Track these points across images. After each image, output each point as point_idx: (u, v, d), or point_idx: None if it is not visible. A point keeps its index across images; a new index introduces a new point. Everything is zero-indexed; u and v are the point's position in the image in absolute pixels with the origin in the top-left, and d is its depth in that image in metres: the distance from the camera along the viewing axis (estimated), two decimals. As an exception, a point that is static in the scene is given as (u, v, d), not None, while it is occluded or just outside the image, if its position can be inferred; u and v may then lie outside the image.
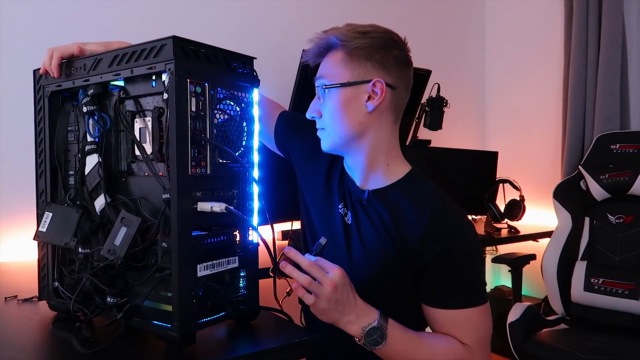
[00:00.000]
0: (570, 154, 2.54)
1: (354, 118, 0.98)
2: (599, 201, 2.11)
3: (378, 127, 1.00)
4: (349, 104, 0.97)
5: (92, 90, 0.93)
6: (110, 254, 0.87)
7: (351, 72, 0.97)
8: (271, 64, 2.20)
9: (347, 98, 0.97)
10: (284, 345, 0.88)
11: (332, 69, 0.99)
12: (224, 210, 0.85)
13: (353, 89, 0.97)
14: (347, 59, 0.97)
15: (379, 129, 1.00)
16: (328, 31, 1.00)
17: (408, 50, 1.03)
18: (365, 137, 1.00)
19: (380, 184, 1.03)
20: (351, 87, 0.96)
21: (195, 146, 0.84)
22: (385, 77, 0.97)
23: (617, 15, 2.38)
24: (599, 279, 1.98)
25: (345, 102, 0.97)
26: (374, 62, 0.96)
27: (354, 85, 0.96)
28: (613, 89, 2.38)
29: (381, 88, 0.96)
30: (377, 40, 0.97)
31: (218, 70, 0.89)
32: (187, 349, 0.84)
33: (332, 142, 1.02)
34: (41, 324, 1.00)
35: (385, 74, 0.97)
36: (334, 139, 1.01)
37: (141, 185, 0.91)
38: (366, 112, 0.97)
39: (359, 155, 1.03)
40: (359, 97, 0.97)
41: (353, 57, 0.96)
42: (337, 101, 0.98)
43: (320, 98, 1.01)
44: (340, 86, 0.97)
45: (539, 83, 2.89)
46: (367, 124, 0.98)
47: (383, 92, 0.96)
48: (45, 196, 1.03)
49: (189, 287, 0.83)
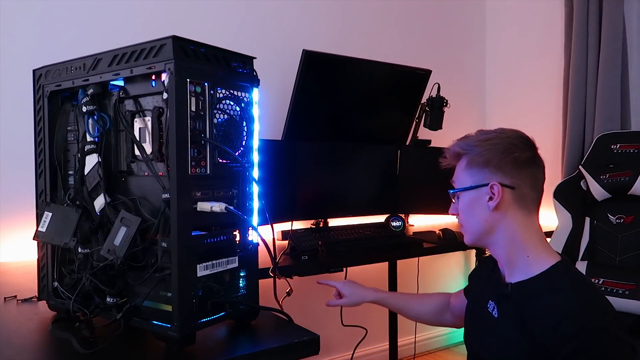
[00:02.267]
0: (570, 154, 2.53)
1: (480, 217, 1.08)
2: (599, 201, 2.11)
3: (507, 223, 1.07)
4: (474, 205, 1.09)
5: (91, 90, 0.93)
6: (110, 254, 0.87)
7: (472, 178, 1.09)
8: (271, 64, 2.20)
9: (471, 200, 1.09)
10: (283, 345, 0.88)
11: (459, 175, 1.12)
12: (224, 210, 0.85)
13: (474, 192, 1.08)
14: (469, 166, 1.10)
15: (508, 224, 1.07)
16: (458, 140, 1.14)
17: (534, 149, 1.11)
18: (497, 232, 1.09)
19: (523, 277, 1.06)
20: (472, 190, 1.09)
21: (195, 146, 0.84)
22: (502, 179, 1.06)
23: (618, 15, 2.38)
24: (600, 279, 1.98)
25: (470, 203, 1.10)
26: (491, 167, 1.06)
27: (474, 189, 1.08)
28: (613, 89, 2.38)
29: (498, 190, 1.05)
30: (496, 146, 1.08)
31: (218, 70, 0.89)
32: (187, 349, 0.84)
33: (469, 238, 1.13)
34: (41, 324, 1.00)
35: (502, 176, 1.06)
36: (470, 235, 1.13)
37: (141, 185, 0.91)
38: (489, 211, 1.07)
39: (496, 248, 1.11)
40: (481, 199, 1.08)
41: (473, 165, 1.09)
42: (464, 203, 1.11)
43: (454, 198, 1.15)
44: (463, 190, 1.10)
45: (539, 83, 2.89)
46: (493, 221, 1.08)
47: (500, 193, 1.05)
48: (45, 196, 1.03)
49: (188, 287, 0.83)
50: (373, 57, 2.33)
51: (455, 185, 1.13)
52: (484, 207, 1.07)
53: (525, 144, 1.09)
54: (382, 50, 2.64)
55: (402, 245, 2.16)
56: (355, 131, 2.43)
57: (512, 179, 1.06)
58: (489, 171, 1.07)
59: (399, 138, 2.58)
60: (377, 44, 2.69)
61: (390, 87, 2.44)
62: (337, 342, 2.38)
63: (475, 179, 1.08)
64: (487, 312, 1.12)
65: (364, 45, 2.60)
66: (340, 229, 2.23)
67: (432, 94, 2.48)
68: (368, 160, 2.36)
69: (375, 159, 2.41)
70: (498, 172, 1.06)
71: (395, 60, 2.42)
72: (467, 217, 1.11)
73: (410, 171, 2.43)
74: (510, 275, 1.09)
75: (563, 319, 0.94)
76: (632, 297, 1.90)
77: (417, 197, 2.45)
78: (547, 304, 0.99)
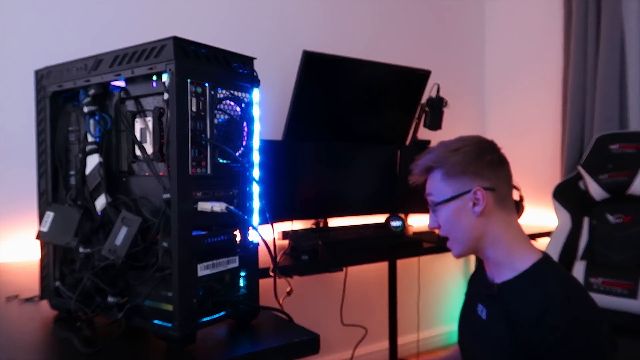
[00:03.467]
0: (569, 154, 2.54)
1: (466, 225, 1.08)
2: (598, 201, 2.12)
3: (492, 226, 1.08)
4: (459, 214, 1.08)
5: (93, 91, 0.94)
6: (111, 254, 0.87)
7: (452, 187, 1.09)
8: (271, 65, 2.20)
9: (455, 210, 1.09)
10: (284, 345, 0.89)
11: (435, 187, 1.11)
12: (224, 210, 0.85)
13: (458, 201, 1.08)
14: (446, 176, 1.09)
15: (493, 227, 1.08)
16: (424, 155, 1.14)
17: (499, 149, 1.12)
18: (483, 237, 1.09)
19: (509, 275, 1.08)
20: (455, 200, 1.08)
21: (196, 146, 0.84)
22: (482, 183, 1.07)
23: (616, 16, 2.38)
24: (598, 278, 1.99)
25: (455, 213, 1.09)
26: (470, 174, 1.07)
27: (457, 198, 1.07)
28: (612, 90, 2.38)
29: (482, 194, 1.06)
30: (468, 153, 1.08)
31: (218, 71, 0.89)
32: (188, 348, 0.84)
33: (458, 249, 1.13)
34: (42, 323, 1.00)
35: (482, 180, 1.07)
36: (459, 245, 1.12)
37: (142, 185, 0.91)
38: (475, 217, 1.07)
39: (485, 252, 1.11)
40: (465, 206, 1.07)
41: (450, 175, 1.09)
42: (448, 214, 1.09)
43: (434, 212, 1.13)
44: (447, 201, 1.09)
45: (539, 83, 2.89)
46: (479, 226, 1.08)
47: (484, 197, 1.06)
48: (47, 196, 1.03)
49: (189, 286, 0.84)
50: (373, 57, 2.34)
51: (433, 199, 1.13)
52: (468, 214, 1.07)
53: (492, 146, 1.12)
54: (382, 50, 2.65)
55: (402, 245, 2.16)
56: (355, 131, 2.43)
57: (491, 181, 1.08)
58: (468, 178, 1.07)
59: (399, 138, 2.59)
60: (377, 44, 2.69)
61: (390, 87, 2.44)
62: (337, 341, 2.39)
63: (456, 188, 1.08)
64: (476, 315, 1.14)
65: (364, 45, 2.60)
66: (340, 229, 2.24)
67: (431, 94, 2.49)
68: (368, 160, 2.37)
69: (375, 159, 2.41)
70: (477, 178, 1.07)
71: (395, 61, 2.42)
72: (452, 227, 1.11)
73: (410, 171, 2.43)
74: (497, 275, 1.10)
75: (545, 312, 0.97)
76: (631, 297, 1.91)
77: (417, 197, 2.43)
78: (530, 299, 1.01)
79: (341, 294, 2.30)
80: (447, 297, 2.96)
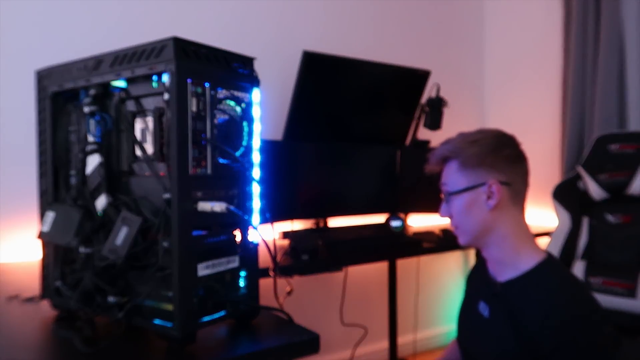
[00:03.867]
0: (569, 154, 2.54)
1: (478, 217, 1.07)
2: (597, 201, 2.12)
3: (502, 221, 1.07)
4: (471, 206, 1.07)
5: (93, 91, 0.94)
6: (111, 254, 0.87)
7: (467, 179, 1.07)
8: (271, 65, 2.20)
9: (468, 201, 1.08)
10: (284, 345, 0.89)
11: (451, 177, 1.10)
12: (224, 209, 0.85)
13: (472, 193, 1.07)
14: (462, 167, 1.08)
15: (504, 223, 1.07)
16: (441, 144, 1.13)
17: (518, 145, 1.11)
18: (492, 232, 1.08)
19: (512, 274, 1.07)
20: (470, 191, 1.07)
21: (196, 146, 0.84)
22: (499, 177, 1.06)
23: (615, 16, 2.38)
24: (598, 278, 1.99)
25: (467, 205, 1.08)
26: (486, 166, 1.06)
27: (472, 190, 1.07)
28: (611, 90, 2.38)
29: (497, 188, 1.05)
30: (486, 145, 1.07)
31: (218, 71, 0.90)
32: (188, 348, 0.84)
33: (465, 239, 1.12)
34: (43, 323, 1.00)
35: (498, 174, 1.06)
36: (465, 236, 1.11)
37: (142, 185, 0.92)
38: (487, 210, 1.06)
39: (491, 248, 1.10)
40: (479, 199, 1.06)
41: (467, 166, 1.07)
42: (461, 205, 1.08)
43: (447, 201, 1.12)
44: (460, 192, 1.08)
45: (538, 83, 2.89)
46: (491, 220, 1.07)
47: (499, 191, 1.05)
48: (47, 196, 1.04)
49: (189, 286, 0.84)
50: (373, 57, 2.34)
51: (447, 188, 1.12)
52: (481, 207, 1.06)
53: (511, 141, 1.10)
54: (381, 51, 2.65)
55: (401, 245, 2.16)
56: (355, 131, 2.43)
57: (507, 176, 1.06)
58: (485, 170, 1.06)
59: (399, 138, 2.59)
60: (376, 44, 2.69)
61: (390, 87, 2.45)
62: (337, 341, 2.39)
63: (471, 179, 1.07)
64: (477, 313, 1.13)
65: (364, 46, 2.61)
66: (340, 229, 2.24)
67: (431, 94, 2.49)
68: (368, 160, 2.37)
69: (375, 159, 2.41)
70: (494, 171, 1.06)
71: (394, 61, 2.43)
72: (463, 218, 1.10)
73: (410, 171, 2.44)
74: (500, 273, 1.10)
75: (549, 313, 0.96)
76: (630, 296, 1.91)
77: (417, 197, 2.46)
78: (534, 299, 1.01)
79: (341, 294, 2.30)
80: (447, 297, 2.97)
